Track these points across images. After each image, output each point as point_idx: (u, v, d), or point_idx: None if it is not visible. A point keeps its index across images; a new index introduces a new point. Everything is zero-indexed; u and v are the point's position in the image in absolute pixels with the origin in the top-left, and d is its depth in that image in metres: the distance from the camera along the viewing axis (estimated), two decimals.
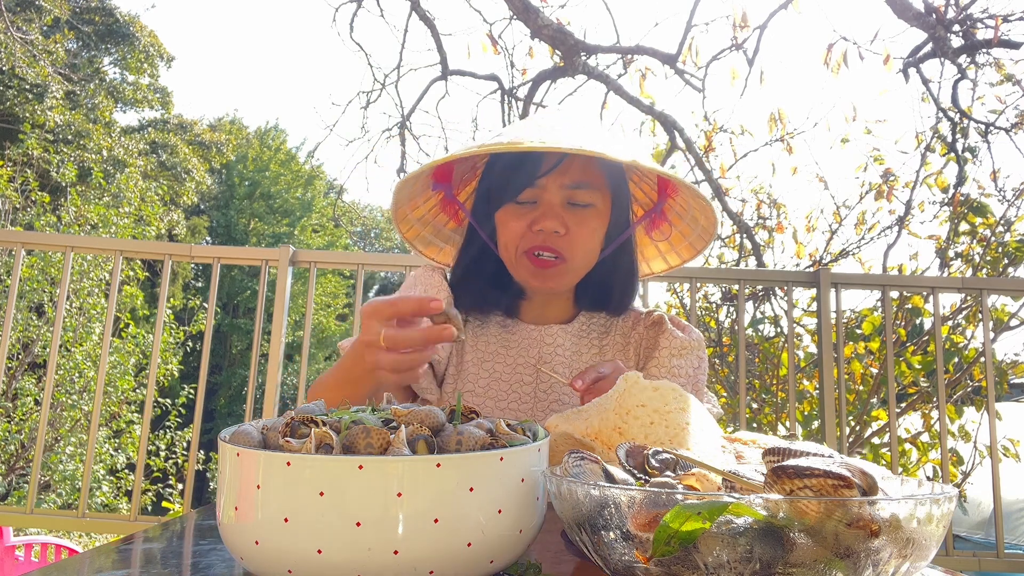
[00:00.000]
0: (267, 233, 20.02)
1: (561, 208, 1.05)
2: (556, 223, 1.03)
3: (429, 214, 1.22)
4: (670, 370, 1.10)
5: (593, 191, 1.06)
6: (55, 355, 2.32)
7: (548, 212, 1.04)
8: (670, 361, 1.10)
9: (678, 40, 3.63)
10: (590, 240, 1.07)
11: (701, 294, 3.54)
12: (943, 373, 2.38)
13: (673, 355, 1.10)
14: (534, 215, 1.04)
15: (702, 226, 1.13)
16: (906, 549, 0.45)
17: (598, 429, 0.72)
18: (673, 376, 1.09)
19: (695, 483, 0.52)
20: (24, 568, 3.00)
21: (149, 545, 0.70)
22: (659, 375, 1.09)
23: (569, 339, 1.15)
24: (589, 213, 1.06)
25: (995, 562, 2.24)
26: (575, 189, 1.05)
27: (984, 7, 3.90)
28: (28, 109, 11.77)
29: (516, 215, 1.06)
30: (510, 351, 1.14)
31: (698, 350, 1.12)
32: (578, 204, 1.05)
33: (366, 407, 0.66)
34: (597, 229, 1.08)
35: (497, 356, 1.14)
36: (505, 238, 1.08)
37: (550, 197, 1.05)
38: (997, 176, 3.44)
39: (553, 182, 1.04)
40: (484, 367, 1.13)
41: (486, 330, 1.16)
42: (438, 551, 0.51)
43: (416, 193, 1.16)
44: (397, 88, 4.31)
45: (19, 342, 6.13)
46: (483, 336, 1.16)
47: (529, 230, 1.05)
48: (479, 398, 1.11)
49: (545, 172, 1.04)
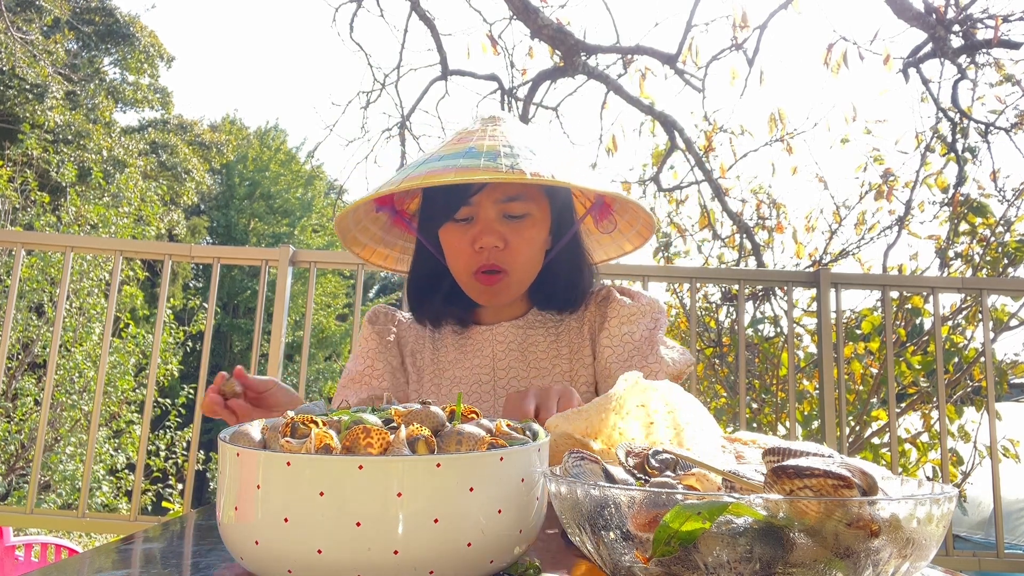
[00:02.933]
0: (267, 233, 20.02)
1: (498, 222, 1.07)
2: (494, 238, 1.06)
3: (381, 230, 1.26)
4: (620, 338, 1.11)
5: (527, 201, 1.08)
6: (55, 355, 2.32)
7: (485, 228, 1.06)
8: (620, 329, 1.11)
9: (678, 40, 3.64)
10: (529, 249, 1.09)
11: (701, 294, 3.54)
12: (943, 373, 2.38)
13: (623, 323, 1.11)
14: (473, 232, 1.07)
15: (642, 220, 1.16)
16: (906, 549, 0.45)
17: (598, 429, 0.72)
18: (624, 343, 1.10)
19: (695, 483, 0.52)
20: (24, 568, 3.00)
21: (149, 545, 0.70)
22: (611, 344, 1.11)
23: (520, 333, 1.16)
24: (525, 223, 1.08)
25: (995, 562, 2.24)
26: (509, 202, 1.07)
27: (984, 7, 3.90)
28: (28, 109, 11.77)
29: (456, 234, 1.09)
30: (466, 355, 1.17)
31: (651, 313, 1.13)
32: (514, 216, 1.08)
33: (366, 407, 0.66)
34: (535, 237, 1.10)
35: (455, 363, 1.17)
36: (452, 258, 1.12)
37: (485, 213, 1.07)
38: (997, 176, 3.44)
39: (486, 198, 1.07)
40: (444, 376, 1.16)
41: (443, 340, 1.20)
42: (438, 551, 0.51)
43: (361, 217, 1.20)
44: (397, 88, 4.32)
45: (19, 342, 6.13)
46: (441, 347, 1.19)
47: (472, 249, 1.08)
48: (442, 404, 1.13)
49: (476, 191, 1.06)
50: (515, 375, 1.14)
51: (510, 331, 1.16)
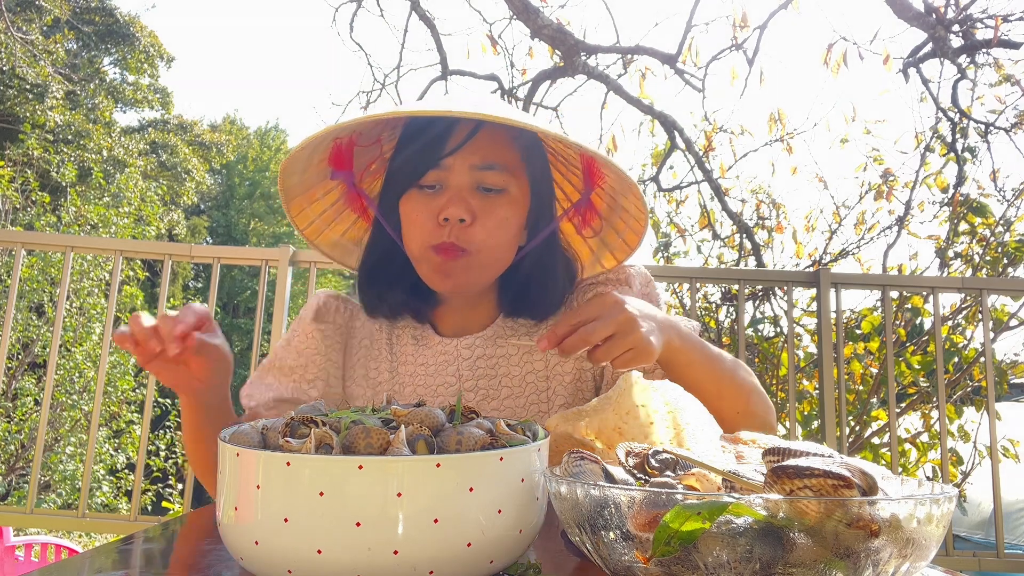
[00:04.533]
0: (267, 233, 20.02)
1: (469, 193, 0.93)
2: (461, 209, 0.91)
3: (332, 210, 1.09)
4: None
5: (506, 174, 0.94)
6: (55, 355, 2.31)
7: (453, 198, 0.92)
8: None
9: (678, 40, 3.63)
10: (499, 230, 0.94)
11: (701, 294, 3.54)
12: (943, 373, 2.38)
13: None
14: (439, 201, 0.93)
15: (633, 216, 1.01)
16: (906, 549, 0.45)
17: (598, 429, 0.72)
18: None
19: (695, 483, 0.52)
20: (24, 568, 3.00)
21: (149, 545, 0.70)
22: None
23: (487, 347, 1.02)
24: (500, 200, 0.94)
25: (995, 562, 2.24)
26: (485, 170, 0.93)
27: (984, 7, 3.91)
28: (28, 109, 11.77)
29: (419, 201, 0.94)
30: (428, 371, 1.03)
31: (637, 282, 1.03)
32: (489, 189, 0.94)
33: (366, 407, 0.66)
34: (509, 218, 0.95)
35: (416, 378, 1.03)
36: (409, 232, 0.96)
37: (457, 179, 0.93)
38: (997, 176, 3.44)
39: (460, 162, 0.92)
40: (407, 391, 1.03)
41: (402, 350, 1.05)
42: (438, 551, 0.51)
43: (312, 182, 1.03)
44: (397, 88, 4.31)
45: (19, 342, 6.13)
46: (400, 355, 1.05)
47: (434, 221, 0.92)
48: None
49: (451, 151, 0.92)
50: (484, 395, 1.01)
51: (477, 345, 1.02)
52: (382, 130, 1.05)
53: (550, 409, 1.01)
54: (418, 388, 1.02)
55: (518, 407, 1.01)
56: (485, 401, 1.01)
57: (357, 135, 1.01)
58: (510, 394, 1.01)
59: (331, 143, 0.98)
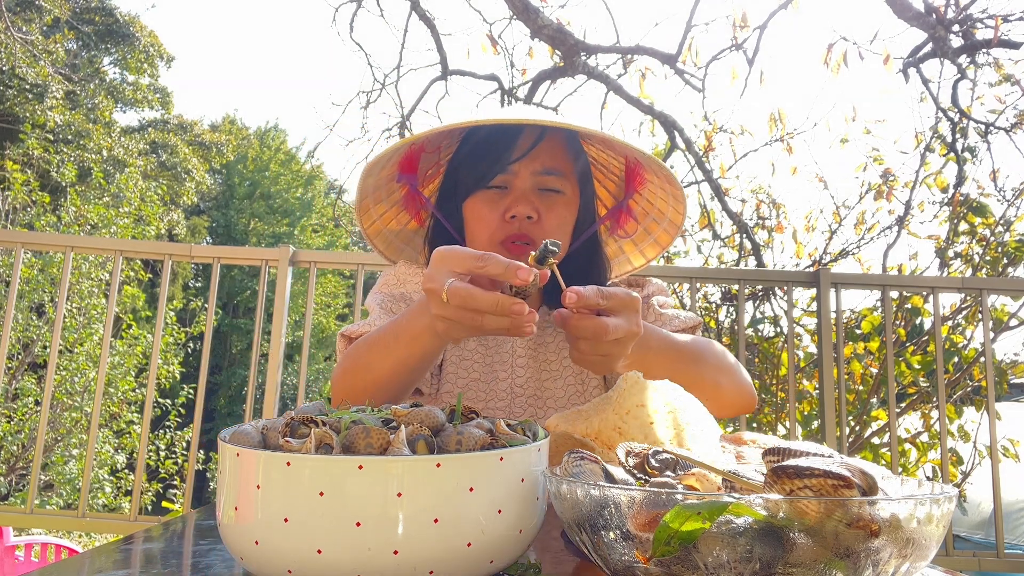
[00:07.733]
0: (267, 233, 20.02)
1: (532, 194, 1.04)
2: (528, 207, 1.02)
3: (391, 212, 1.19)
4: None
5: (563, 179, 1.06)
6: (55, 355, 2.32)
7: (520, 197, 1.03)
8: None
9: (678, 40, 3.63)
10: (560, 228, 1.06)
11: (701, 294, 3.54)
12: (943, 373, 2.38)
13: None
14: (506, 202, 1.03)
15: (669, 219, 1.12)
16: (906, 549, 0.45)
17: (598, 429, 0.72)
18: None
19: (695, 483, 0.52)
20: (24, 568, 3.00)
21: (149, 545, 0.70)
22: None
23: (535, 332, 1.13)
24: (559, 200, 1.06)
25: (995, 562, 2.24)
26: (546, 175, 1.04)
27: (984, 7, 3.91)
28: (28, 109, 11.77)
29: (487, 202, 1.04)
30: (488, 350, 1.13)
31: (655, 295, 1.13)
32: (549, 190, 1.05)
33: (365, 407, 0.66)
34: (566, 217, 1.07)
35: (475, 354, 1.12)
36: (476, 229, 1.06)
37: (521, 182, 1.04)
38: (997, 176, 3.44)
39: (525, 167, 1.04)
40: (463, 366, 1.12)
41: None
42: (438, 551, 0.51)
43: (380, 184, 1.13)
44: (397, 88, 4.31)
45: (19, 342, 6.13)
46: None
47: (502, 218, 1.03)
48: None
49: (518, 157, 1.03)
50: (530, 376, 1.11)
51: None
52: (444, 138, 1.14)
53: (585, 391, 1.10)
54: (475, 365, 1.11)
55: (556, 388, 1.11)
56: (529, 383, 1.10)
57: (425, 142, 1.10)
58: (549, 376, 1.11)
59: (407, 148, 1.07)
